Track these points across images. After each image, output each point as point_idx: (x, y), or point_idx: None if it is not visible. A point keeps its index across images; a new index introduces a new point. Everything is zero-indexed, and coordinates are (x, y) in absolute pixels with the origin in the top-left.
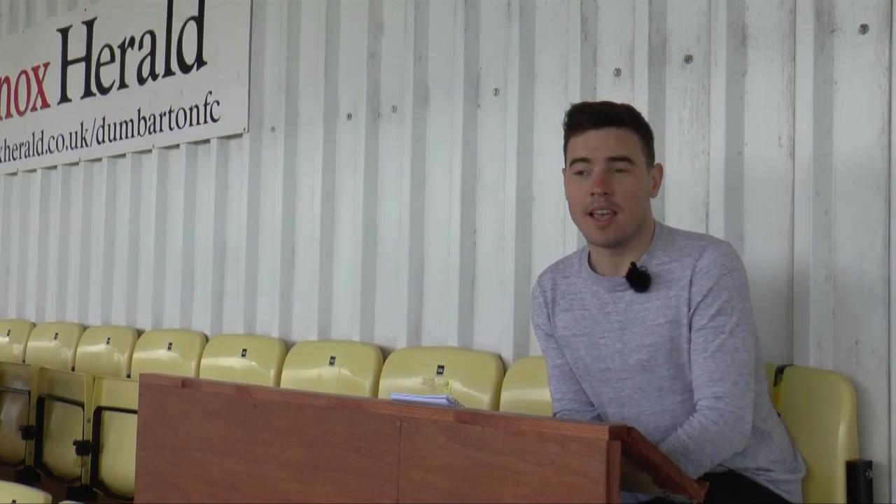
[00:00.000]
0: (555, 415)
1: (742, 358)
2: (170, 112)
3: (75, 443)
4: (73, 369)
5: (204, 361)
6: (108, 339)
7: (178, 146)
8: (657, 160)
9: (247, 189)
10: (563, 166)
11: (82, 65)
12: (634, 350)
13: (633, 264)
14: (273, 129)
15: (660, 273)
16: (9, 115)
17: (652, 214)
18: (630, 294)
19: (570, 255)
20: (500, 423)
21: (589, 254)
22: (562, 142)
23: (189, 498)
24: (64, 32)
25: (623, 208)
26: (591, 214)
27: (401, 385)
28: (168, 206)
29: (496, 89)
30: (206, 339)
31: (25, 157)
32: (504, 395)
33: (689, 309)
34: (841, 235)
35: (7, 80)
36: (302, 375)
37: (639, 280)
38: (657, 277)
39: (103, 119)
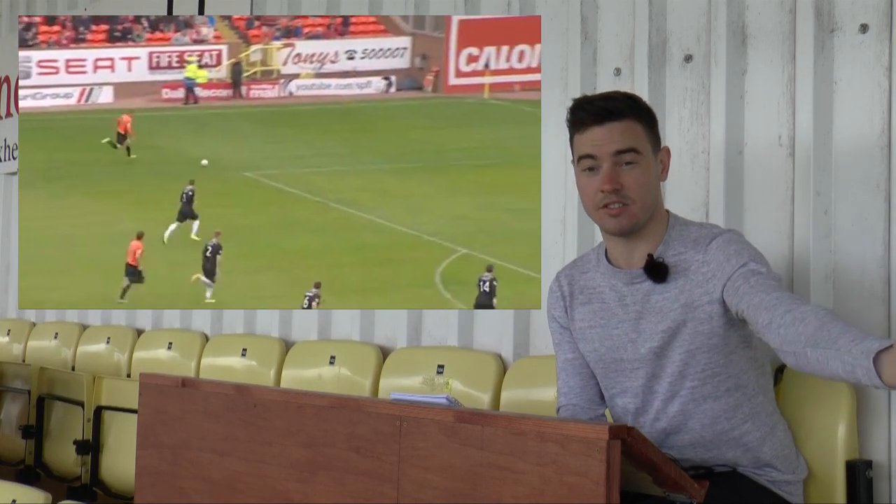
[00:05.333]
0: (559, 409)
1: (788, 295)
2: None
3: (75, 442)
4: (73, 369)
5: (204, 361)
6: (108, 338)
7: None
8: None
9: None
10: (572, 158)
11: None
12: (647, 339)
13: (651, 256)
14: None
15: (676, 263)
16: (9, 114)
17: (663, 201)
18: (648, 285)
19: (587, 253)
20: (500, 422)
21: (606, 248)
22: (562, 141)
23: (189, 498)
24: None
25: (634, 200)
26: (603, 206)
27: (401, 385)
28: None
29: None
30: (206, 338)
31: None
32: (504, 395)
33: (718, 283)
34: (841, 235)
35: (7, 79)
36: (302, 375)
37: (656, 271)
38: (674, 268)
39: None
